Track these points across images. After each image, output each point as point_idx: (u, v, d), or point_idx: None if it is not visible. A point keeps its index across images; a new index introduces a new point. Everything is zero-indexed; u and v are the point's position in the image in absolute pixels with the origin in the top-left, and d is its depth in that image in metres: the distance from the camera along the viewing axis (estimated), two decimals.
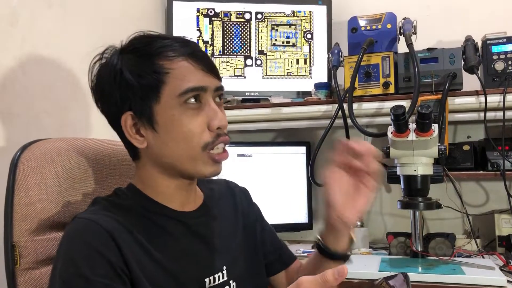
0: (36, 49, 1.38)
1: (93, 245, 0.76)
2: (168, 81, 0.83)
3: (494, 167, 1.59)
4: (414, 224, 1.51)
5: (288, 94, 1.93)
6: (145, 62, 0.84)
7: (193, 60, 0.85)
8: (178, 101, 0.83)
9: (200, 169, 0.86)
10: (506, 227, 1.63)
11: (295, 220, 1.91)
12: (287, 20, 1.96)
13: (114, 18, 1.72)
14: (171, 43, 0.86)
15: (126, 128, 0.86)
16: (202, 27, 1.93)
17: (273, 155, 1.91)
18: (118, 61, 0.85)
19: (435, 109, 1.51)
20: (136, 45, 0.86)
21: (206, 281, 0.87)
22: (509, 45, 1.58)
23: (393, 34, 1.68)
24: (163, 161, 0.87)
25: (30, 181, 0.90)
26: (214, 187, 1.04)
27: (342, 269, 0.68)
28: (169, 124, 0.83)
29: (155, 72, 0.83)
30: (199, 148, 0.84)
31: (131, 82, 0.83)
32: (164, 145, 0.85)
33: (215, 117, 0.85)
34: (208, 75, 0.86)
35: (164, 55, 0.84)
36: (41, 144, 0.96)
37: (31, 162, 0.92)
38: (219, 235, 0.94)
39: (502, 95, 1.53)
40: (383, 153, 1.45)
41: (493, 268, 1.35)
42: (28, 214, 0.89)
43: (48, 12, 1.43)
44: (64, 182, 0.95)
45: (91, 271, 0.74)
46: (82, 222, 0.80)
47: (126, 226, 0.81)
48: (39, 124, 1.38)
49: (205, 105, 0.85)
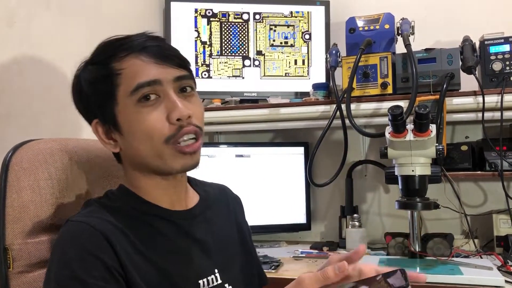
0: (34, 50, 1.38)
1: (87, 247, 0.76)
2: (121, 82, 0.83)
3: (492, 167, 1.59)
4: (412, 225, 1.51)
5: (286, 95, 1.93)
6: (99, 69, 0.85)
7: (144, 55, 0.83)
8: (132, 100, 0.82)
9: (170, 164, 0.84)
10: (504, 228, 1.63)
11: (293, 220, 1.91)
12: (285, 20, 1.96)
13: (112, 18, 1.72)
14: (125, 42, 0.85)
15: (99, 135, 0.88)
16: (200, 28, 1.93)
17: (271, 156, 1.91)
18: (79, 74, 0.88)
19: (433, 110, 1.51)
20: (94, 54, 0.88)
21: (200, 283, 0.86)
22: (506, 45, 1.58)
23: (391, 34, 1.68)
24: (136, 162, 0.87)
25: (23, 183, 0.88)
26: (209, 190, 1.02)
27: (342, 265, 0.68)
28: (129, 124, 0.83)
29: (107, 76, 0.83)
30: (161, 143, 0.82)
31: (88, 93, 0.86)
32: (131, 146, 0.85)
33: (173, 109, 0.82)
34: (164, 66, 0.83)
35: (115, 56, 0.84)
36: (33, 144, 0.94)
37: (23, 163, 0.89)
38: (212, 238, 0.93)
39: (500, 95, 1.53)
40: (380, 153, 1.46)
41: (491, 268, 1.35)
42: (21, 217, 0.87)
43: (45, 13, 1.43)
44: (57, 183, 0.93)
45: (86, 274, 0.74)
46: (75, 224, 0.80)
47: (119, 227, 0.81)
48: (37, 125, 1.38)
49: (164, 98, 0.83)
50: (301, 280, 0.69)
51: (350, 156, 1.79)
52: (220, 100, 1.95)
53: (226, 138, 2.13)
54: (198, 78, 1.92)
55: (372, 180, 1.95)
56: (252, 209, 1.85)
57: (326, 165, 1.92)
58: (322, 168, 1.94)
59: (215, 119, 1.89)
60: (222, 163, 1.86)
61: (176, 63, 0.85)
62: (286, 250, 1.80)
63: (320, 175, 1.90)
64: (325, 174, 1.84)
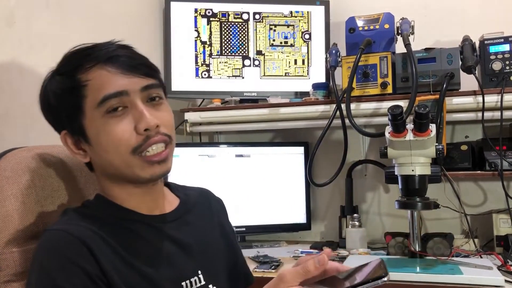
0: (34, 50, 1.38)
1: (67, 255, 0.75)
2: (87, 93, 0.82)
3: (492, 167, 1.59)
4: (412, 224, 1.51)
5: (286, 95, 1.93)
6: (65, 81, 0.84)
7: (110, 66, 0.82)
8: (99, 112, 0.81)
9: (138, 173, 0.84)
10: (504, 227, 1.63)
11: (293, 220, 1.91)
12: (285, 20, 1.96)
13: (112, 18, 1.72)
14: (91, 51, 0.84)
15: (68, 146, 0.87)
16: (200, 28, 1.93)
17: (271, 156, 1.91)
18: (45, 86, 0.88)
19: (433, 109, 1.51)
20: (60, 64, 0.87)
21: (183, 284, 0.86)
22: (506, 45, 1.58)
23: (391, 34, 1.68)
24: (107, 171, 0.86)
25: (6, 192, 0.87)
26: (190, 193, 1.02)
27: (322, 258, 0.68)
28: (97, 135, 0.83)
29: (74, 88, 0.82)
30: (128, 154, 0.82)
31: (55, 104, 0.85)
32: (100, 156, 0.85)
33: (140, 119, 0.81)
34: (130, 76, 0.82)
35: (81, 67, 0.83)
36: (16, 153, 0.93)
37: (6, 172, 0.89)
38: (194, 240, 0.93)
39: (500, 95, 1.53)
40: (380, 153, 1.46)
41: (491, 268, 1.35)
42: (5, 226, 0.86)
43: (45, 13, 1.43)
44: (42, 191, 0.92)
45: (67, 282, 0.73)
46: (53, 233, 0.79)
47: (98, 233, 0.80)
48: (37, 126, 1.38)
49: (131, 109, 0.82)
50: (282, 276, 0.70)
51: (350, 155, 1.79)
52: (220, 100, 1.95)
53: (226, 138, 2.13)
54: (198, 78, 1.92)
55: (372, 180, 1.95)
56: (252, 209, 1.86)
57: (326, 165, 1.92)
58: (322, 168, 1.94)
59: (215, 119, 1.89)
60: (222, 163, 1.86)
61: (143, 72, 0.84)
62: (286, 250, 1.80)
63: (320, 175, 1.90)
64: (325, 174, 1.84)
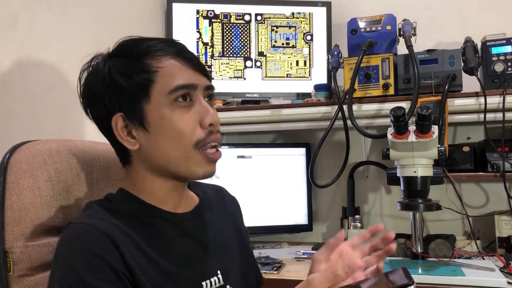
0: (36, 51, 1.38)
1: (93, 250, 0.74)
2: (157, 79, 0.82)
3: (494, 168, 1.59)
4: (414, 226, 1.51)
5: (288, 96, 1.93)
6: (133, 63, 0.83)
7: (181, 59, 0.84)
8: (168, 99, 0.82)
9: (194, 169, 0.84)
10: (506, 229, 1.62)
11: (295, 221, 1.91)
12: (287, 21, 1.96)
13: (114, 19, 1.72)
14: (158, 43, 0.85)
15: (117, 130, 0.84)
16: (202, 29, 1.94)
17: (273, 157, 1.91)
18: (106, 64, 0.85)
19: (435, 111, 1.51)
20: (123, 48, 0.87)
21: (203, 284, 0.86)
22: (508, 46, 1.58)
23: (393, 35, 1.68)
24: (155, 163, 0.85)
25: (22, 184, 0.86)
26: (206, 191, 1.02)
27: (352, 263, 0.68)
28: (160, 122, 0.82)
29: (144, 71, 0.82)
30: (191, 146, 0.83)
31: (120, 83, 0.83)
32: (156, 145, 0.83)
33: (206, 114, 0.84)
34: (197, 73, 0.85)
35: (151, 54, 0.83)
36: (31, 145, 0.92)
37: (22, 165, 0.87)
38: (213, 239, 0.93)
39: (502, 96, 1.53)
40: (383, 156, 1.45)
41: (493, 269, 1.35)
42: (21, 219, 0.85)
43: (47, 14, 1.43)
44: (57, 185, 0.92)
45: (92, 277, 0.72)
46: (78, 226, 0.78)
47: (123, 229, 0.79)
48: (39, 125, 1.38)
49: (196, 103, 0.84)
50: (311, 280, 0.69)
51: (352, 157, 1.79)
52: (222, 101, 1.95)
53: (228, 139, 2.12)
54: None
55: (374, 181, 1.95)
56: (254, 210, 1.85)
57: (327, 166, 1.92)
58: (324, 169, 1.94)
59: None
60: (223, 164, 1.84)
61: (206, 73, 0.88)
62: (288, 251, 1.80)
63: (321, 176, 1.90)
64: (326, 175, 1.84)
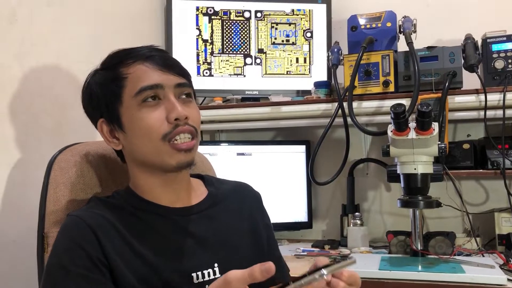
0: (36, 48, 1.38)
1: (74, 239, 0.85)
2: (126, 84, 0.91)
3: (494, 166, 1.59)
4: (414, 223, 1.51)
5: (288, 93, 1.92)
6: (108, 73, 0.94)
7: (149, 63, 0.92)
8: (136, 101, 0.90)
9: (167, 161, 0.90)
10: (506, 226, 1.62)
11: (295, 219, 1.91)
12: (287, 18, 1.96)
13: (114, 16, 1.71)
14: (132, 51, 0.94)
15: (104, 134, 0.96)
16: (201, 26, 1.93)
17: (273, 154, 1.91)
18: (91, 79, 0.97)
19: (435, 108, 1.51)
20: (105, 61, 0.97)
21: (193, 275, 0.90)
22: (509, 43, 1.58)
23: (393, 32, 1.67)
24: (137, 159, 0.94)
25: (59, 180, 1.02)
26: (222, 187, 1.06)
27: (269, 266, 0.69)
28: (131, 122, 0.91)
29: (116, 79, 0.92)
30: (159, 140, 0.89)
31: (98, 93, 0.94)
32: (132, 143, 0.92)
33: (172, 110, 0.89)
34: (166, 73, 0.92)
35: (123, 63, 0.93)
36: (74, 148, 1.08)
37: (61, 163, 1.04)
38: (213, 233, 0.96)
39: (502, 93, 1.53)
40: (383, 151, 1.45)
41: (493, 266, 1.35)
42: (55, 209, 1.01)
43: (47, 11, 1.42)
44: (90, 181, 1.05)
45: (71, 262, 0.82)
46: (70, 218, 0.89)
47: (111, 222, 0.88)
48: (39, 123, 1.38)
49: (164, 101, 0.91)
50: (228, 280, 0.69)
51: (351, 154, 1.79)
52: (222, 98, 1.95)
53: (228, 136, 2.12)
54: (199, 76, 1.92)
55: (373, 179, 1.94)
56: None
57: (327, 163, 1.92)
58: (324, 166, 1.94)
59: (217, 117, 1.89)
60: (223, 161, 1.86)
61: (177, 72, 0.94)
62: (288, 249, 1.79)
63: (321, 173, 1.90)
64: (326, 172, 1.84)
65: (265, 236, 1.07)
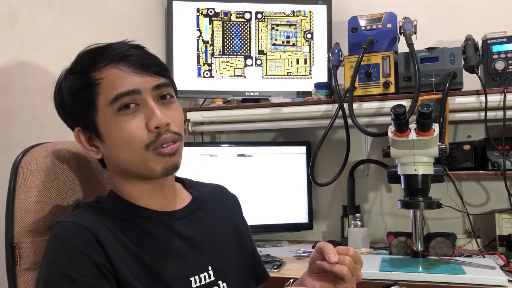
0: (36, 49, 1.38)
1: (76, 246, 0.78)
2: (100, 91, 0.84)
3: (494, 167, 1.59)
4: (414, 224, 1.51)
5: (288, 94, 1.92)
6: (79, 79, 0.86)
7: (124, 65, 0.84)
8: (112, 109, 0.83)
9: (153, 167, 0.85)
10: (507, 227, 1.62)
11: (295, 220, 1.91)
12: (287, 20, 1.96)
13: (114, 18, 1.72)
14: (104, 51, 0.86)
15: (81, 142, 0.90)
16: (202, 27, 1.93)
17: (273, 155, 1.91)
18: (61, 84, 0.90)
19: (436, 109, 1.51)
20: (74, 63, 0.89)
21: (192, 280, 0.88)
22: (509, 44, 1.58)
23: (393, 33, 1.67)
24: (120, 168, 0.89)
25: (30, 184, 0.92)
26: (203, 190, 1.03)
27: None
28: (109, 132, 0.85)
29: (88, 86, 0.85)
30: (142, 150, 0.84)
31: (69, 102, 0.88)
32: (113, 153, 0.87)
33: (151, 117, 0.83)
34: (142, 75, 0.85)
35: (95, 66, 0.85)
36: (41, 147, 0.98)
37: (31, 165, 0.93)
38: (203, 236, 0.94)
39: (503, 94, 1.53)
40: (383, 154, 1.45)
41: (494, 267, 1.35)
42: (27, 216, 0.91)
43: (47, 12, 1.43)
44: (64, 184, 0.97)
45: (75, 271, 0.76)
46: (65, 225, 0.82)
47: (108, 227, 0.83)
48: (40, 125, 1.38)
49: (143, 106, 0.85)
50: None
51: (352, 155, 1.79)
52: (222, 99, 1.95)
53: (228, 138, 2.12)
54: (200, 78, 1.92)
55: (374, 180, 1.94)
56: (254, 208, 1.85)
57: (328, 164, 1.92)
58: (324, 167, 1.94)
59: (217, 118, 1.89)
60: (224, 163, 1.86)
61: (155, 72, 0.86)
62: (288, 250, 1.80)
63: (322, 175, 1.90)
64: (327, 173, 1.84)
65: (246, 237, 1.07)
